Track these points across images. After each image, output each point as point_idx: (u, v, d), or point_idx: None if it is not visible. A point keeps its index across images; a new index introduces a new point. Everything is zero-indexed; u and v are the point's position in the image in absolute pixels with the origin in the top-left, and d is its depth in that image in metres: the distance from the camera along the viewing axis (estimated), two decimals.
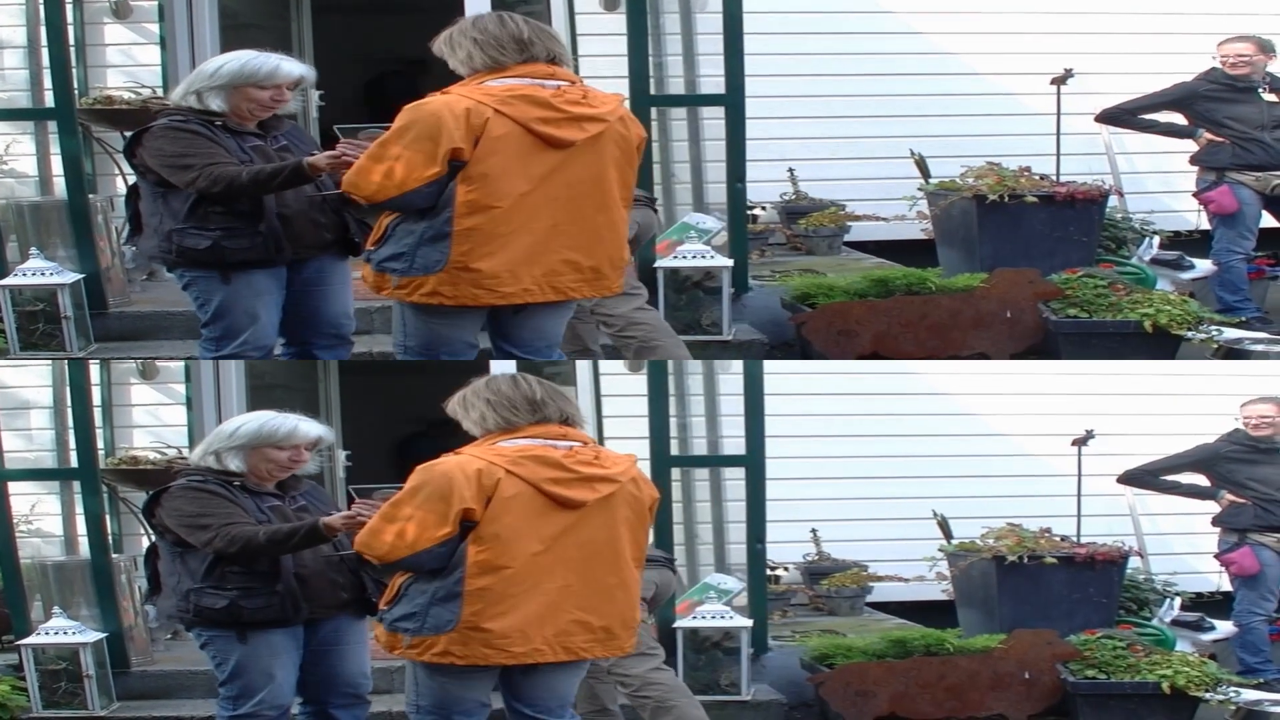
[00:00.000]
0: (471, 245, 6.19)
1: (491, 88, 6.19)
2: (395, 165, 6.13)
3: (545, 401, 6.03)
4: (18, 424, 9.35)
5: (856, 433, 10.31)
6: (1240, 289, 9.21)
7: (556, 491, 5.91)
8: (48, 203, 9.04)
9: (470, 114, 6.11)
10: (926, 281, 8.90)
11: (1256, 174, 9.18)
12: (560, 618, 5.98)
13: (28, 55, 9.35)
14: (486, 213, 6.17)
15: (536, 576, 5.92)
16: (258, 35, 10.09)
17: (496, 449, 5.95)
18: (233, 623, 6.42)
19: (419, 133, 6.12)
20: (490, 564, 5.86)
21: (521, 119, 6.15)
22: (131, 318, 8.93)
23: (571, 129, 6.21)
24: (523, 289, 6.29)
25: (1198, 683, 8.65)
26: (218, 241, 6.57)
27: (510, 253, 6.23)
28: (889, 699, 8.69)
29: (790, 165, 10.31)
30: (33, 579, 8.94)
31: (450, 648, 5.91)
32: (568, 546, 5.95)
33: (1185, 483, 9.44)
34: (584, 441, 6.07)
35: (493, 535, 5.85)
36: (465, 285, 6.25)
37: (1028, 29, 10.29)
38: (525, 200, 6.20)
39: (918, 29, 10.34)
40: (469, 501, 5.82)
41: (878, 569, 10.18)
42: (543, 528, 5.91)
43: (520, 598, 5.90)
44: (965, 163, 9.34)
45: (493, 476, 5.86)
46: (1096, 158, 9.73)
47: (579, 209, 6.29)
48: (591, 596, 6.02)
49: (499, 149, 6.13)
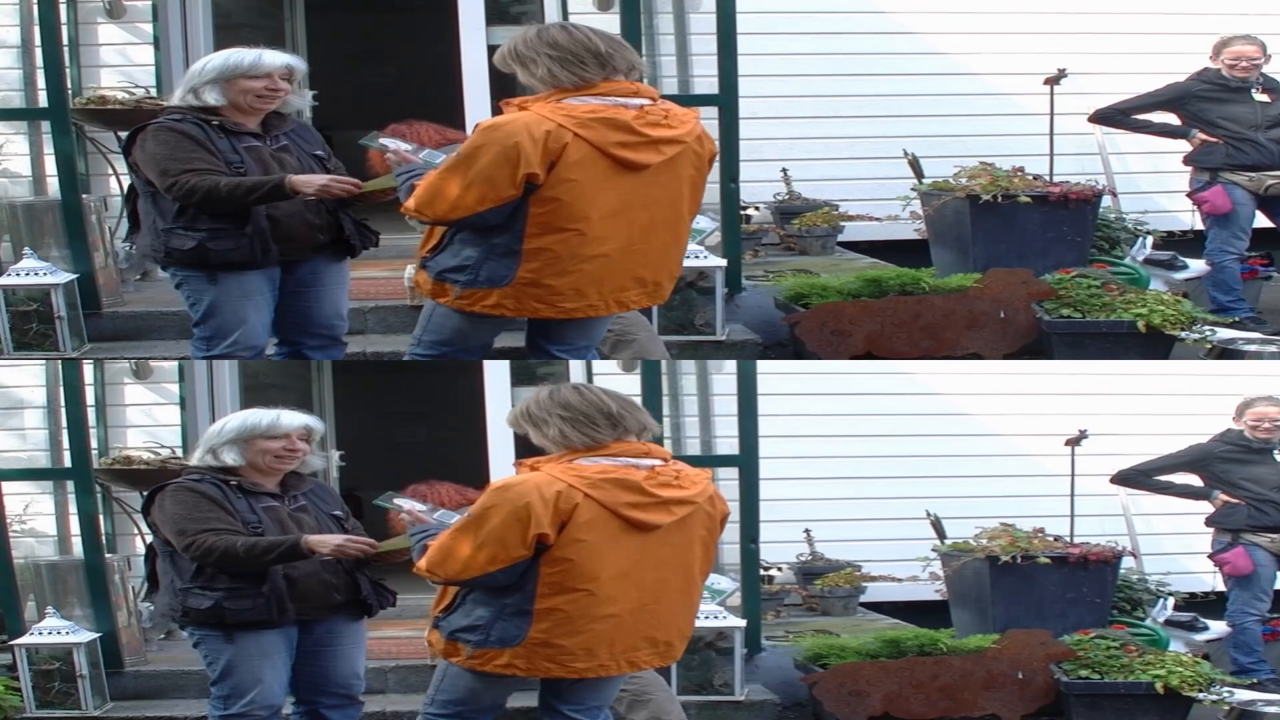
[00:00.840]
0: (541, 264, 6.08)
1: (574, 107, 6.01)
2: (470, 188, 5.97)
3: (623, 415, 5.89)
4: (11, 423, 9.37)
5: (850, 433, 10.31)
6: (1234, 289, 9.21)
7: (635, 516, 5.78)
8: (41, 203, 9.04)
9: (550, 137, 5.94)
10: (920, 281, 8.89)
11: (1250, 174, 9.18)
12: (630, 637, 5.89)
13: (21, 55, 9.36)
14: (558, 234, 6.05)
15: (611, 599, 5.81)
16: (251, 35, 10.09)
17: (576, 468, 5.79)
18: (218, 623, 6.43)
19: (496, 156, 5.94)
20: (562, 585, 5.75)
21: (600, 143, 5.98)
22: (125, 318, 8.92)
23: (649, 153, 6.06)
24: (587, 305, 6.20)
25: (1191, 683, 8.65)
26: (202, 243, 6.58)
27: (581, 274, 6.12)
28: (882, 699, 8.68)
29: (784, 165, 10.31)
30: (26, 579, 8.93)
31: (515, 661, 5.83)
32: (644, 569, 5.84)
33: (1179, 483, 9.43)
34: (665, 459, 5.94)
35: (565, 559, 5.72)
36: (529, 300, 6.15)
37: (1021, 29, 10.30)
38: (599, 223, 6.06)
39: (911, 29, 10.34)
40: (545, 526, 5.68)
41: (871, 569, 10.17)
42: (619, 551, 5.78)
43: (591, 619, 5.80)
44: (959, 163, 9.33)
45: (571, 501, 5.72)
46: (1090, 158, 9.74)
47: (653, 229, 6.18)
48: (661, 614, 5.93)
49: (575, 173, 5.99)
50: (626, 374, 8.86)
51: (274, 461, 6.58)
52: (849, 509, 10.31)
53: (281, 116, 6.81)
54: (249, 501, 6.49)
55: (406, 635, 8.94)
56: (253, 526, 6.43)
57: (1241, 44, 9.18)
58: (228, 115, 6.67)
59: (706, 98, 8.98)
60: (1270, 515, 9.19)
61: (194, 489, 6.48)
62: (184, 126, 6.59)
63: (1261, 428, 9.20)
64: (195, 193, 6.50)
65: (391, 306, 8.86)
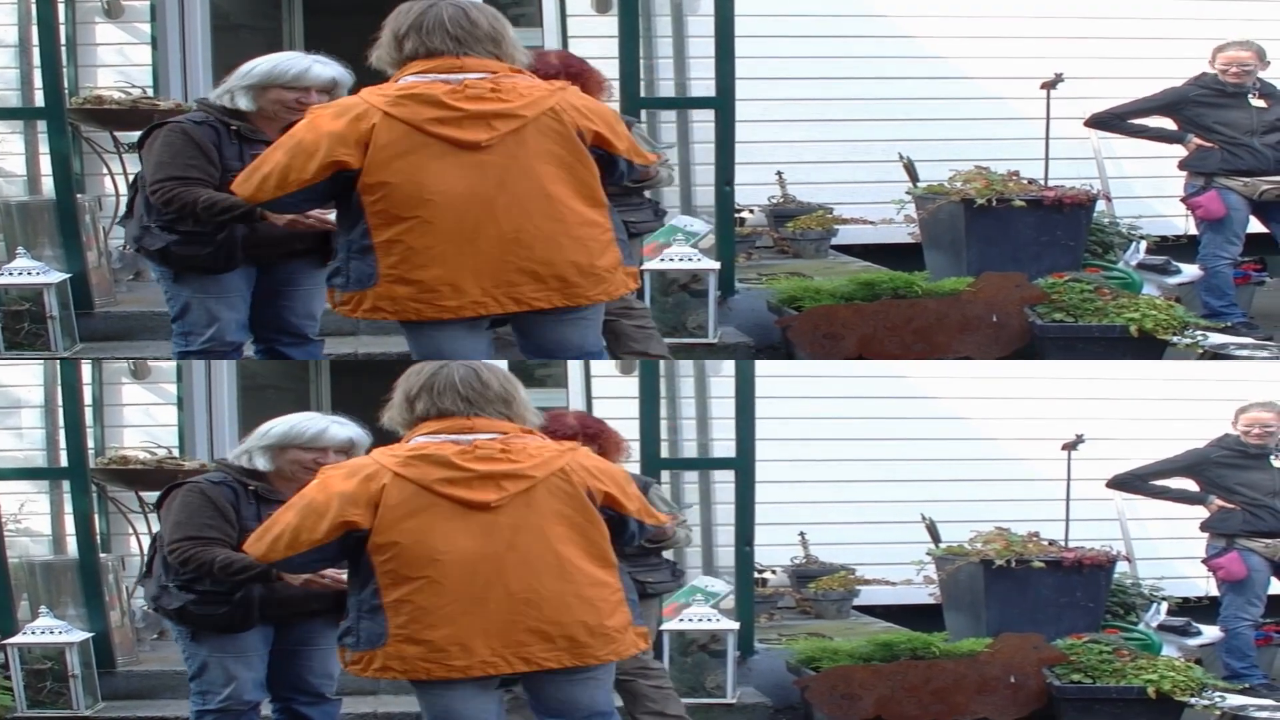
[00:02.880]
0: (398, 258, 5.79)
1: (388, 86, 5.82)
2: (274, 170, 5.78)
3: (443, 392, 5.62)
4: (8, 423, 9.37)
5: (845, 436, 10.32)
6: (1226, 294, 9.20)
7: (452, 493, 5.50)
8: (35, 202, 9.05)
9: (359, 118, 5.72)
10: (913, 285, 8.87)
11: (1245, 179, 9.17)
12: (510, 628, 5.59)
13: (19, 54, 9.36)
14: (403, 224, 5.76)
15: (464, 585, 5.52)
16: (249, 36, 10.15)
17: (394, 447, 5.60)
18: (184, 624, 6.49)
19: (298, 142, 5.77)
20: (400, 574, 5.50)
21: (414, 121, 5.73)
22: (117, 318, 8.94)
23: (476, 128, 5.75)
24: (472, 301, 5.84)
25: (1183, 687, 8.66)
26: (169, 245, 6.64)
27: (449, 264, 5.81)
28: (874, 702, 8.69)
29: (779, 168, 10.32)
30: (20, 578, 8.95)
31: (389, 662, 5.57)
32: (496, 551, 5.53)
33: (1174, 488, 9.44)
34: (503, 433, 5.61)
35: (392, 543, 5.48)
36: (405, 300, 5.85)
37: (1017, 33, 10.31)
38: (447, 209, 5.76)
39: (908, 33, 10.35)
40: (347, 508, 5.48)
41: (865, 572, 10.18)
42: (455, 533, 5.51)
43: (449, 608, 5.54)
44: (954, 166, 9.31)
45: (379, 481, 5.49)
46: (1085, 162, 9.71)
47: (524, 215, 5.82)
48: (541, 605, 5.60)
49: (395, 155, 5.73)
50: (625, 376, 8.88)
51: (301, 472, 6.46)
52: (844, 512, 10.32)
53: None
54: (259, 509, 6.44)
55: None
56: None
57: (1236, 49, 9.18)
58: (253, 121, 6.70)
59: (703, 100, 8.99)
60: (1265, 520, 9.20)
61: (205, 492, 6.48)
62: (198, 131, 6.63)
63: (1253, 433, 9.21)
64: (173, 203, 6.56)
65: None
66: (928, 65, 10.34)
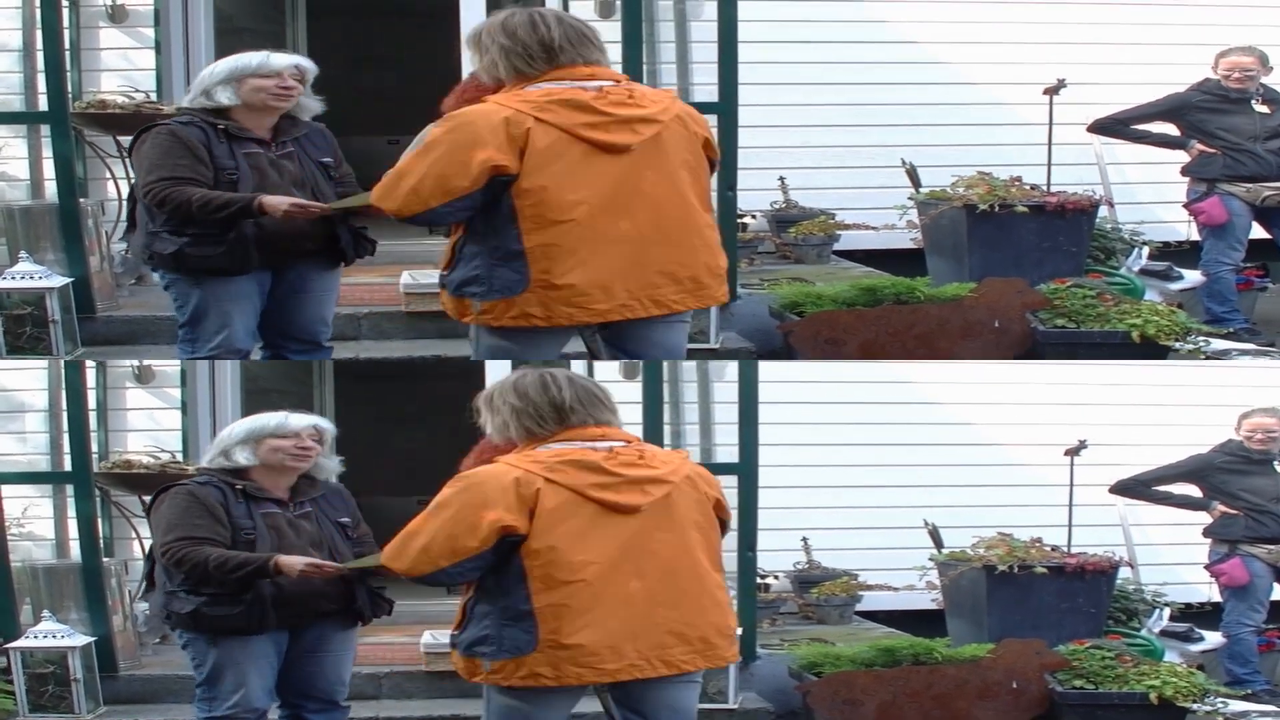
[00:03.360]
0: (550, 261, 5.79)
1: (527, 93, 5.78)
2: (425, 180, 5.75)
3: (574, 409, 5.64)
4: (12, 427, 9.37)
5: (848, 441, 10.31)
6: (1229, 300, 9.20)
7: (604, 497, 5.53)
8: (38, 206, 9.06)
9: (509, 124, 5.72)
10: (915, 290, 8.87)
11: (1247, 185, 9.18)
12: (653, 631, 5.61)
13: (22, 58, 9.37)
14: (556, 227, 5.77)
15: (613, 588, 5.53)
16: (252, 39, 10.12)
17: (530, 455, 5.56)
18: (199, 628, 6.43)
19: (451, 146, 5.73)
20: (553, 578, 5.49)
21: (566, 126, 5.75)
22: (119, 322, 8.95)
23: (623, 132, 5.81)
24: (619, 305, 5.88)
25: (1185, 693, 8.64)
26: (182, 248, 6.60)
27: (595, 267, 5.84)
28: (876, 708, 8.68)
29: (781, 174, 10.31)
30: (23, 582, 8.95)
31: (537, 669, 5.55)
32: (639, 555, 5.57)
33: (1177, 493, 9.43)
34: (627, 441, 5.68)
35: (548, 548, 5.48)
36: (557, 304, 5.85)
37: (1020, 39, 10.29)
38: (597, 211, 5.79)
39: (910, 39, 10.33)
40: (506, 515, 5.46)
41: (868, 578, 10.16)
42: (604, 537, 5.53)
43: (599, 611, 5.53)
44: (956, 172, 9.30)
45: (531, 486, 5.49)
46: (1088, 168, 9.71)
47: (662, 217, 5.88)
48: (680, 607, 5.65)
49: (551, 159, 5.74)
50: (628, 380, 8.87)
51: (288, 460, 6.52)
52: (846, 518, 10.30)
53: (294, 121, 6.81)
54: (249, 507, 6.46)
55: (400, 641, 8.95)
56: (245, 533, 6.41)
57: (1238, 55, 9.18)
58: (239, 118, 6.67)
59: (706, 105, 8.97)
60: (1268, 526, 9.19)
61: (194, 493, 6.47)
62: (186, 131, 6.61)
63: (1256, 438, 9.21)
64: (167, 203, 6.53)
65: (385, 312, 8.86)
66: (930, 71, 10.33)
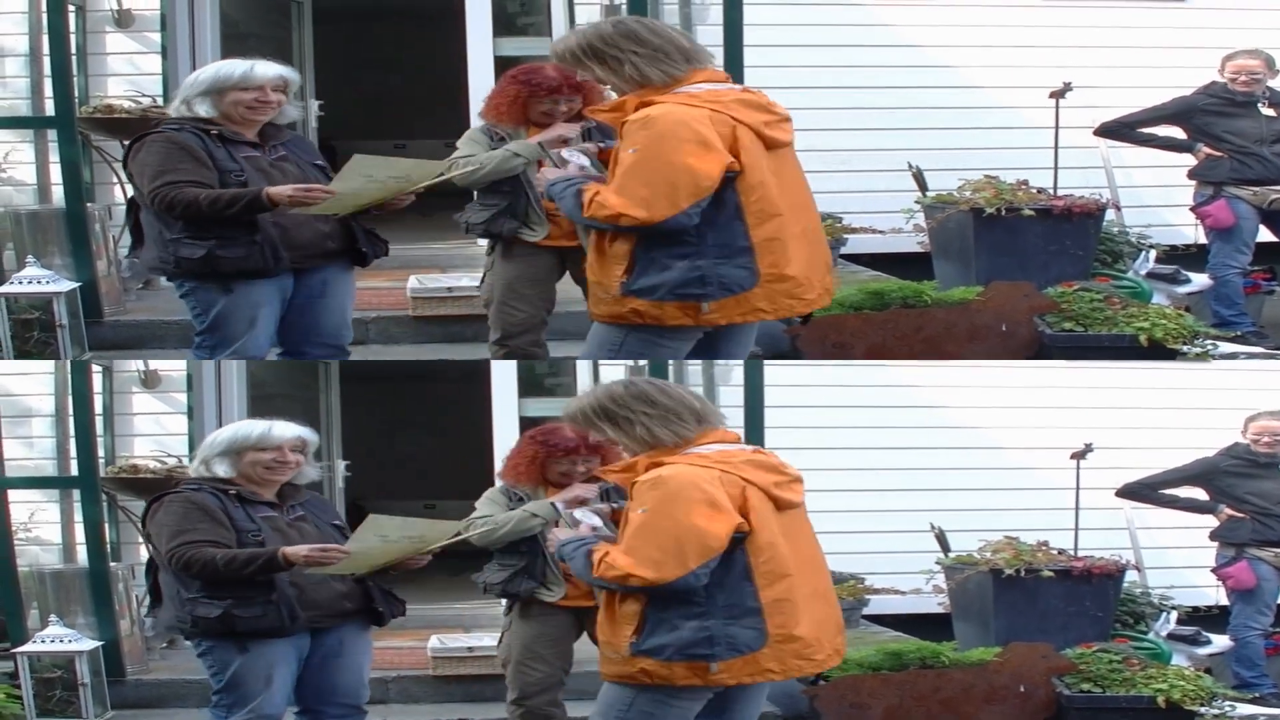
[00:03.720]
0: (776, 255, 5.83)
1: (700, 94, 5.79)
2: (674, 186, 5.70)
3: (706, 409, 5.64)
4: (19, 431, 9.37)
5: (854, 444, 10.29)
6: (1236, 303, 9.20)
7: (779, 494, 5.57)
8: (45, 211, 9.09)
9: (719, 123, 5.73)
10: (922, 294, 8.88)
11: (1254, 188, 9.18)
12: (829, 622, 5.71)
13: (29, 63, 9.37)
14: (774, 220, 5.81)
15: (802, 581, 5.58)
16: (258, 44, 10.15)
17: (707, 457, 5.54)
18: (229, 632, 6.38)
19: (692, 149, 5.69)
20: (775, 573, 5.51)
21: (753, 123, 5.80)
22: (126, 326, 8.97)
23: (783, 130, 5.90)
24: (818, 295, 5.99)
25: (1193, 697, 8.64)
26: (211, 250, 6.55)
27: (800, 260, 5.88)
28: (883, 711, 8.67)
29: None
30: (30, 587, 8.97)
31: (768, 665, 5.55)
32: (800, 550, 5.63)
33: (1183, 496, 9.43)
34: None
35: (769, 544, 5.50)
36: (781, 297, 5.89)
37: (1027, 42, 10.29)
38: (791, 206, 5.87)
39: (917, 42, 10.33)
40: (734, 514, 5.46)
41: (874, 581, 10.14)
42: (784, 532, 5.57)
43: (804, 604, 5.58)
44: (963, 175, 9.32)
45: (737, 485, 5.49)
46: (1094, 171, 9.72)
47: (809, 211, 6.00)
48: (829, 600, 5.76)
49: (759, 155, 5.79)
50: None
51: (265, 473, 6.53)
52: (853, 521, 10.27)
53: (278, 128, 6.79)
54: (247, 510, 6.46)
55: (409, 645, 8.96)
56: (252, 534, 6.41)
57: (1245, 58, 9.18)
58: (223, 126, 6.65)
59: None
60: (1275, 529, 9.18)
61: (189, 499, 6.46)
62: (181, 137, 6.58)
63: (1262, 441, 9.20)
64: (175, 205, 6.49)
65: (393, 317, 8.88)
66: (936, 74, 10.32)
